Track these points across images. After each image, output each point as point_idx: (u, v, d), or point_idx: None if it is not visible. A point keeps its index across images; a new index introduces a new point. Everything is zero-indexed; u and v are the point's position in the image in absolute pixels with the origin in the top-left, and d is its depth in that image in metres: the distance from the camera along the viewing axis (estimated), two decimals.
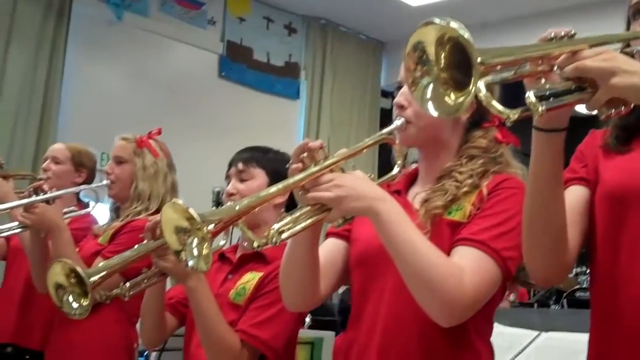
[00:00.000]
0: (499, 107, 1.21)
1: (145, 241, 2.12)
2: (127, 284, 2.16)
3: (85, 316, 2.02)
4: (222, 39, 8.05)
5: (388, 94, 9.25)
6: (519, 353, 2.93)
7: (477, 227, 1.63)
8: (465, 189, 1.71)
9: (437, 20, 1.22)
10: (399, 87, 1.81)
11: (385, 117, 8.80)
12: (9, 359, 3.31)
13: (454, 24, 1.19)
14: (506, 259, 1.60)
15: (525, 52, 1.29)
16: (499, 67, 1.24)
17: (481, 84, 1.18)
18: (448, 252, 1.61)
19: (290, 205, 2.15)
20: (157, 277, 2.19)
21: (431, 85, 1.26)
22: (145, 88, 7.33)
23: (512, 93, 1.51)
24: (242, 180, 2.36)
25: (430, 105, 1.27)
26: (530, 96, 1.24)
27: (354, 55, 9.06)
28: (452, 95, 1.24)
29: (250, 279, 2.26)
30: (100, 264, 2.20)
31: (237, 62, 8.12)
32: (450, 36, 1.20)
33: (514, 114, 1.23)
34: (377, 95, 9.28)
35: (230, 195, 2.34)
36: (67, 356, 2.88)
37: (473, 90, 1.18)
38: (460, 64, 1.20)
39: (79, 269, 2.00)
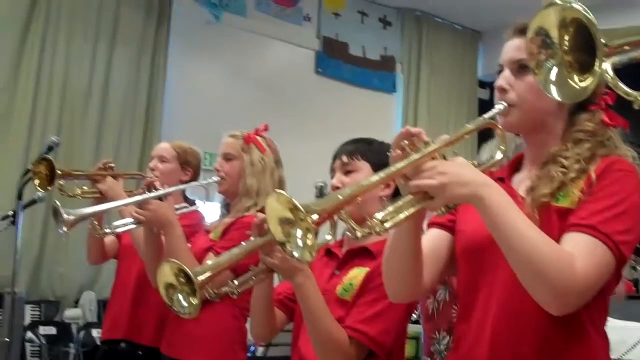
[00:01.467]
0: (626, 89, 1.16)
1: (252, 238, 2.13)
2: (236, 282, 2.17)
3: (195, 315, 2.02)
4: (317, 35, 8.12)
5: (485, 84, 9.11)
6: (633, 347, 2.83)
7: (586, 212, 1.57)
8: (572, 174, 1.64)
9: (559, 2, 1.18)
10: (501, 71, 1.76)
11: (483, 108, 8.69)
12: (122, 355, 3.41)
13: (576, 5, 1.15)
14: (619, 242, 1.53)
15: None
16: (625, 47, 1.18)
17: (607, 66, 1.14)
18: (557, 241, 1.55)
19: (396, 197, 2.13)
20: (264, 273, 2.18)
21: (555, 69, 1.23)
22: (244, 86, 7.46)
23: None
24: (347, 173, 2.34)
25: (553, 89, 1.23)
26: None
27: (450, 46, 8.98)
28: (577, 78, 1.20)
29: (357, 274, 2.25)
30: (208, 262, 2.20)
31: (333, 58, 8.17)
32: (573, 18, 1.17)
33: None
34: (474, 86, 9.17)
35: (336, 188, 2.32)
36: (184, 350, 2.92)
37: (598, 73, 1.13)
38: (584, 46, 1.16)
39: (186, 269, 2.01)
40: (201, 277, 2.01)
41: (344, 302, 2.22)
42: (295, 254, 1.44)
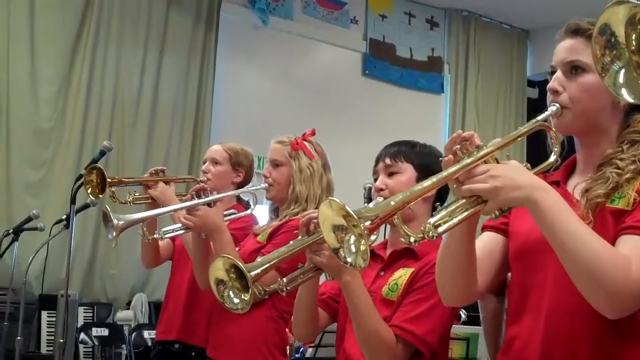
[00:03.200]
0: None
1: (299, 237, 2.15)
2: (285, 279, 2.18)
3: (247, 310, 2.05)
4: (364, 37, 8.12)
5: (534, 84, 9.01)
6: None
7: None
8: (627, 175, 1.61)
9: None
10: (552, 72, 1.74)
11: (532, 107, 8.60)
12: (176, 356, 3.45)
13: None
14: None
15: None
16: None
17: None
18: (613, 242, 1.53)
19: (437, 197, 2.12)
20: (312, 272, 2.19)
21: (623, 70, 1.20)
22: (293, 90, 7.50)
23: None
24: (390, 175, 2.35)
25: (624, 92, 1.20)
26: None
27: (497, 45, 8.91)
28: None
29: (402, 274, 2.25)
30: (259, 259, 2.23)
31: (381, 60, 8.16)
32: None
33: None
34: (523, 85, 9.07)
35: (379, 190, 2.33)
36: (225, 351, 2.96)
37: None
38: None
39: (239, 264, 2.03)
40: (254, 272, 2.04)
41: (390, 302, 2.22)
42: (349, 259, 1.46)
